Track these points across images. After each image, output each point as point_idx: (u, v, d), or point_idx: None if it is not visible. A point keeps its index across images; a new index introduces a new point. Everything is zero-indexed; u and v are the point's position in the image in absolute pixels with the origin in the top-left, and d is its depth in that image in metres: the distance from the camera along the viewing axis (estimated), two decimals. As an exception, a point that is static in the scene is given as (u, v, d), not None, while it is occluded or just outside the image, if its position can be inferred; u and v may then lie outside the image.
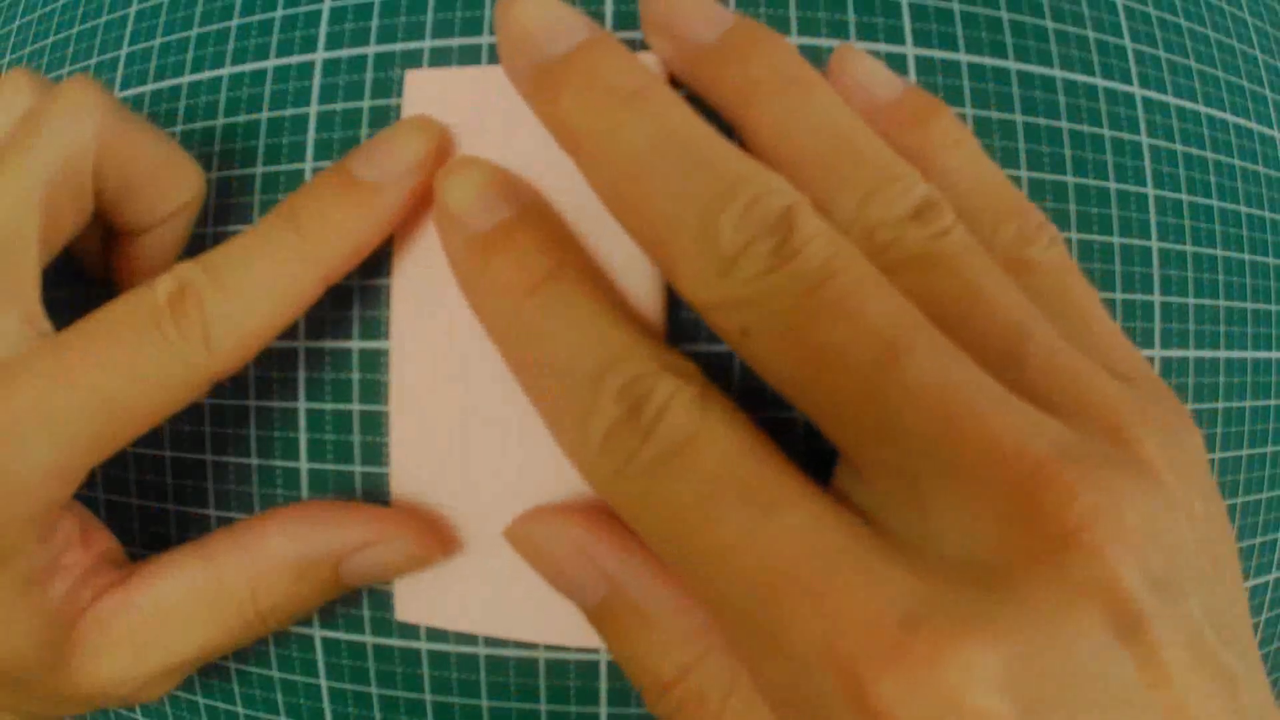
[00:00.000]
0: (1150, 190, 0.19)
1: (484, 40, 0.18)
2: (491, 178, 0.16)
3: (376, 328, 0.17)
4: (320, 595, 0.17)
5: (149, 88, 0.20)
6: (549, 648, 0.17)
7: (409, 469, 0.17)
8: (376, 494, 0.18)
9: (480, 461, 0.17)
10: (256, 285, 0.16)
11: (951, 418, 0.12)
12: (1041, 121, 0.18)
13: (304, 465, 0.18)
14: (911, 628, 0.11)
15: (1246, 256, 0.20)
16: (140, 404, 0.15)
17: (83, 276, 0.19)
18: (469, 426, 0.17)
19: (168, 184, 0.18)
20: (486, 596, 0.17)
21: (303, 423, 0.18)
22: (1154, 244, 0.19)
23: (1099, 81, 0.19)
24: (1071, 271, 0.16)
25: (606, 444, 0.14)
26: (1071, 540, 0.11)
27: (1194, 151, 0.19)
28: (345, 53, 0.18)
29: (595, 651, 0.17)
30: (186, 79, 0.19)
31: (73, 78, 0.17)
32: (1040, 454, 0.12)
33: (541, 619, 0.17)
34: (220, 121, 0.19)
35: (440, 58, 0.18)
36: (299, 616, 0.17)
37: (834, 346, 0.13)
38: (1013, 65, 0.18)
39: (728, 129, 0.16)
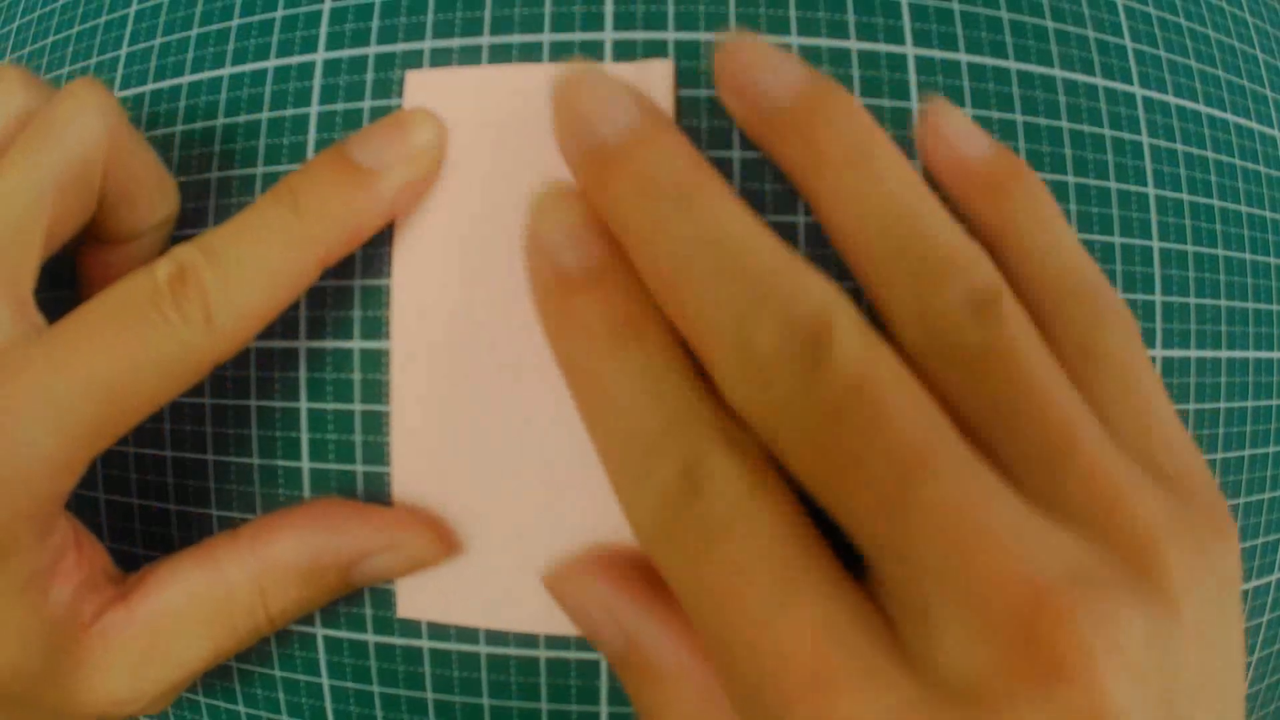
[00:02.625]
0: (1151, 190, 0.19)
1: (484, 41, 0.18)
2: (586, 214, 0.16)
3: (377, 328, 0.17)
4: (328, 597, 0.17)
5: (149, 88, 0.20)
6: (550, 647, 0.17)
7: (410, 468, 0.17)
8: (378, 493, 0.18)
9: (481, 459, 0.17)
10: (255, 266, 0.16)
11: (963, 542, 0.12)
12: (1042, 121, 0.18)
13: (306, 465, 0.18)
14: None
15: (1247, 256, 0.20)
16: (141, 389, 0.15)
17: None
18: (470, 425, 0.17)
19: (158, 195, 0.18)
20: (488, 591, 0.17)
21: (304, 422, 0.18)
22: (1155, 244, 0.19)
23: (1099, 81, 0.19)
24: (1139, 362, 0.16)
25: (659, 510, 0.14)
26: (1065, 667, 0.11)
27: (1194, 151, 0.19)
28: (346, 53, 0.18)
29: (595, 650, 0.17)
30: (186, 79, 0.19)
31: (80, 79, 0.17)
32: (1047, 581, 0.12)
33: (543, 611, 0.17)
34: (220, 121, 0.19)
35: (441, 58, 0.18)
36: (304, 616, 0.17)
37: (857, 460, 0.13)
38: (1013, 65, 0.18)
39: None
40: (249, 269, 0.15)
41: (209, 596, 0.16)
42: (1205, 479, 0.15)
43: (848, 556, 0.14)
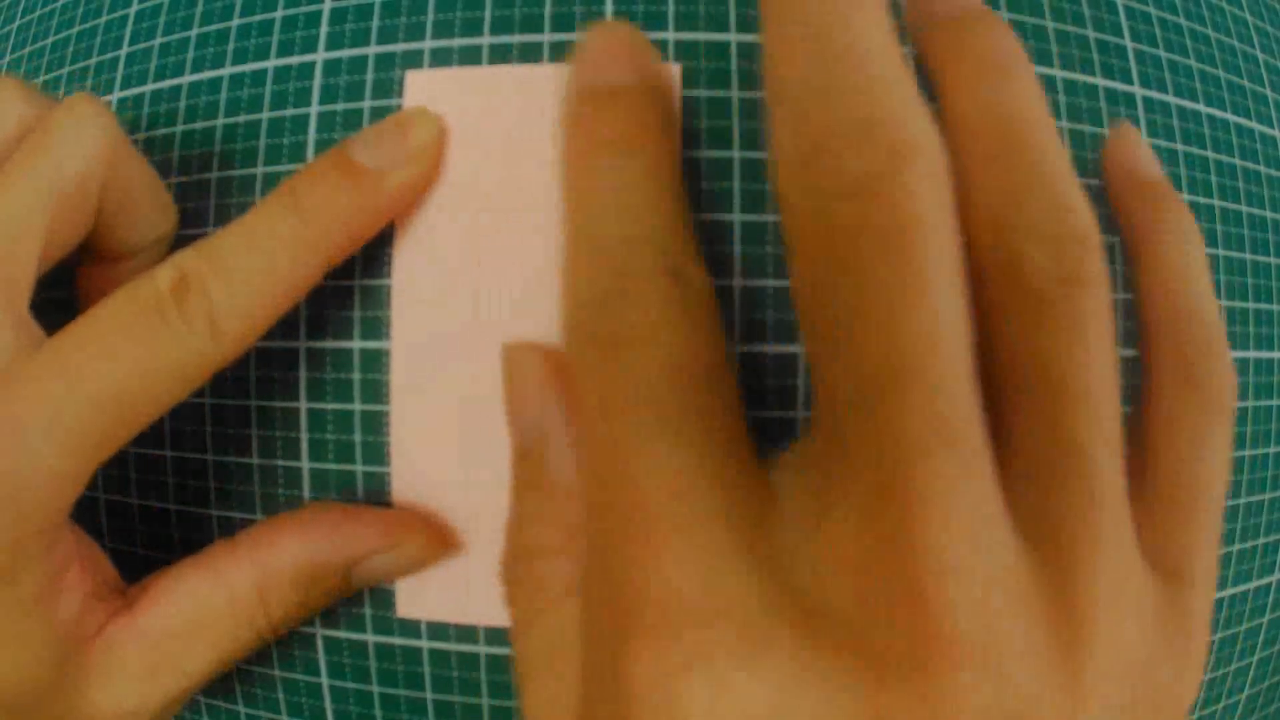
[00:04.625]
0: (1151, 190, 0.19)
1: (484, 41, 0.18)
2: (633, 42, 0.16)
3: (377, 328, 0.17)
4: (329, 600, 0.17)
5: (149, 88, 0.20)
6: (549, 647, 0.17)
7: (410, 468, 0.17)
8: (378, 493, 0.18)
9: (480, 459, 0.17)
10: (259, 270, 0.15)
11: (906, 502, 0.11)
12: (1042, 121, 0.18)
13: (305, 465, 0.18)
14: (699, 620, 0.11)
15: (1248, 256, 0.20)
16: (146, 398, 0.15)
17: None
18: (469, 425, 0.17)
19: (156, 211, 0.18)
20: (488, 590, 0.17)
21: (304, 422, 0.18)
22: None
23: (1099, 81, 0.19)
24: (1218, 419, 0.15)
25: (583, 305, 0.14)
26: (922, 660, 0.10)
27: (1195, 151, 0.19)
28: (346, 53, 0.18)
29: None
30: (186, 79, 0.19)
31: (78, 94, 0.17)
32: (951, 627, 0.10)
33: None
34: (220, 121, 0.19)
35: (441, 58, 0.18)
36: (306, 620, 0.17)
37: (856, 309, 0.12)
38: (1013, 65, 0.18)
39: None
40: (253, 274, 0.15)
41: (212, 605, 0.16)
42: (1205, 596, 0.14)
43: None
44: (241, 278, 0.15)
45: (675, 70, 0.17)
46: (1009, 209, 0.13)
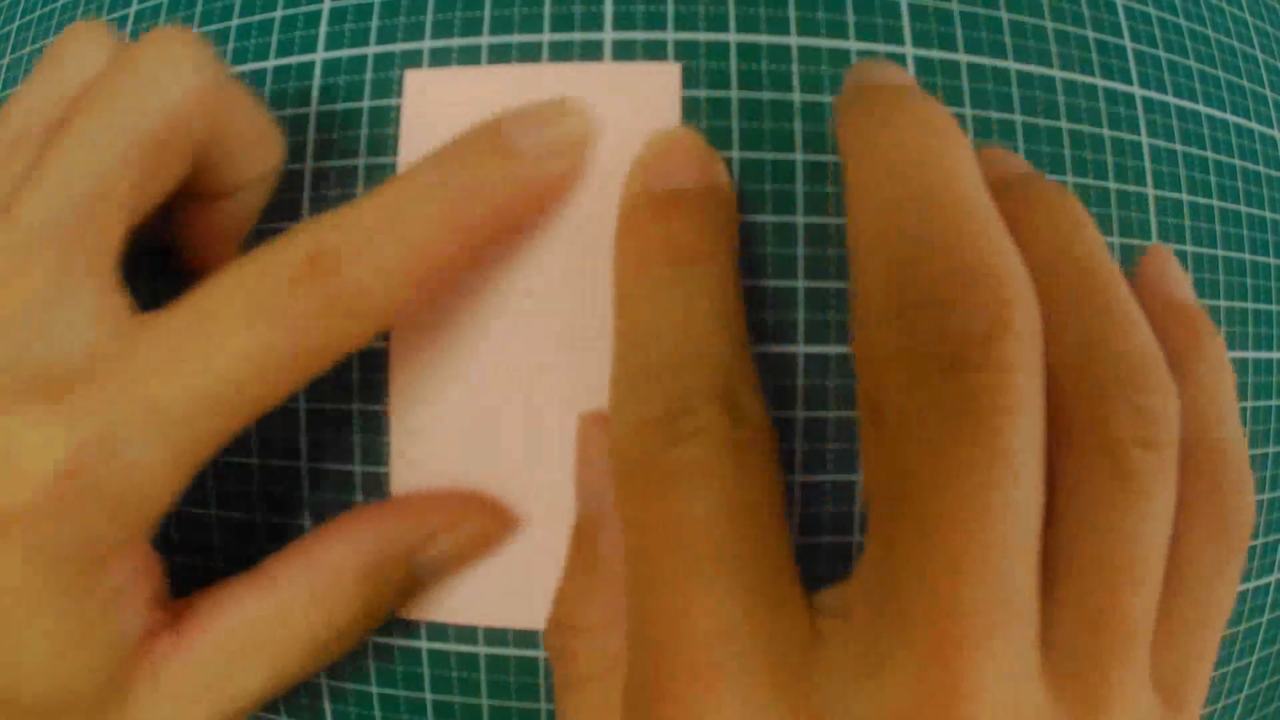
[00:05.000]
0: (1150, 190, 0.19)
1: (483, 41, 0.18)
2: (699, 148, 0.16)
3: (376, 328, 0.17)
4: (394, 599, 0.16)
5: (150, 88, 0.20)
6: (549, 647, 0.17)
7: (410, 468, 0.17)
8: (378, 493, 0.18)
9: (480, 459, 0.17)
10: (401, 251, 0.14)
11: (962, 646, 0.11)
12: (1041, 122, 0.18)
13: (304, 465, 0.18)
14: None
15: (1247, 256, 0.20)
16: (263, 390, 0.14)
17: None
18: (469, 425, 0.17)
19: (257, 146, 0.16)
20: (487, 589, 0.17)
21: (303, 422, 0.18)
22: (1155, 244, 0.19)
23: (1099, 81, 0.19)
24: (1237, 554, 0.15)
25: (632, 436, 0.13)
26: None
27: (1194, 151, 0.19)
28: (345, 53, 0.18)
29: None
30: (187, 79, 0.19)
31: (164, 27, 0.15)
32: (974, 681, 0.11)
33: (542, 610, 0.17)
34: (221, 122, 0.19)
35: (440, 58, 0.18)
36: (370, 628, 0.16)
37: (930, 465, 0.12)
38: (1012, 65, 0.18)
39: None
40: (394, 254, 0.14)
41: (263, 619, 0.15)
42: (1194, 717, 0.14)
43: None
44: (381, 254, 0.14)
45: (675, 70, 0.17)
46: (1097, 350, 0.13)
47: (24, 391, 0.13)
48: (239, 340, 0.13)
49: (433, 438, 0.17)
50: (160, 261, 0.15)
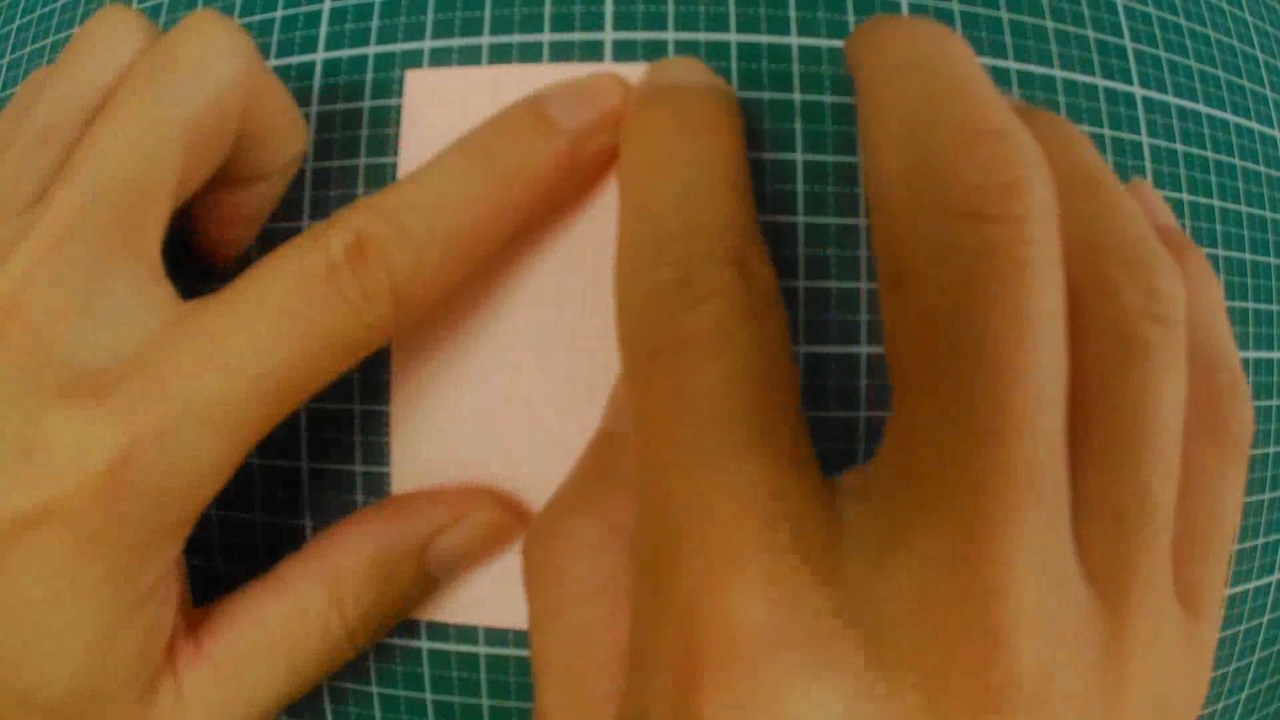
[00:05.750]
0: (1151, 190, 0.19)
1: (484, 40, 0.18)
2: (698, 61, 0.16)
3: (377, 328, 0.17)
4: (407, 596, 0.16)
5: (150, 88, 0.20)
6: (549, 647, 0.17)
7: (410, 468, 0.17)
8: (378, 493, 0.18)
9: (480, 460, 0.17)
10: (446, 232, 0.14)
11: (994, 520, 0.11)
12: (1041, 121, 0.18)
13: (305, 465, 0.18)
14: (771, 649, 0.10)
15: (1248, 256, 0.20)
16: (309, 376, 0.13)
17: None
18: (469, 425, 0.17)
19: (287, 132, 0.16)
20: (487, 589, 0.17)
21: (304, 422, 0.18)
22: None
23: (1099, 81, 0.19)
24: (1238, 463, 0.15)
25: (642, 310, 0.13)
26: (991, 704, 0.10)
27: (1194, 151, 0.19)
28: (345, 53, 0.18)
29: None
30: (187, 79, 0.19)
31: (203, 11, 0.15)
32: (1016, 671, 0.10)
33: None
34: (221, 122, 0.19)
35: (440, 58, 0.18)
36: (386, 627, 0.16)
37: (957, 338, 0.11)
38: (1013, 65, 0.18)
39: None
40: (439, 235, 0.14)
41: (280, 622, 0.15)
42: (1213, 628, 0.14)
43: None
44: (426, 240, 0.14)
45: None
46: (1103, 237, 0.13)
47: (69, 387, 0.13)
48: (284, 329, 0.13)
49: (433, 437, 0.17)
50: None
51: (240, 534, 0.18)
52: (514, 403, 0.17)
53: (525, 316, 0.17)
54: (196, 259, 0.18)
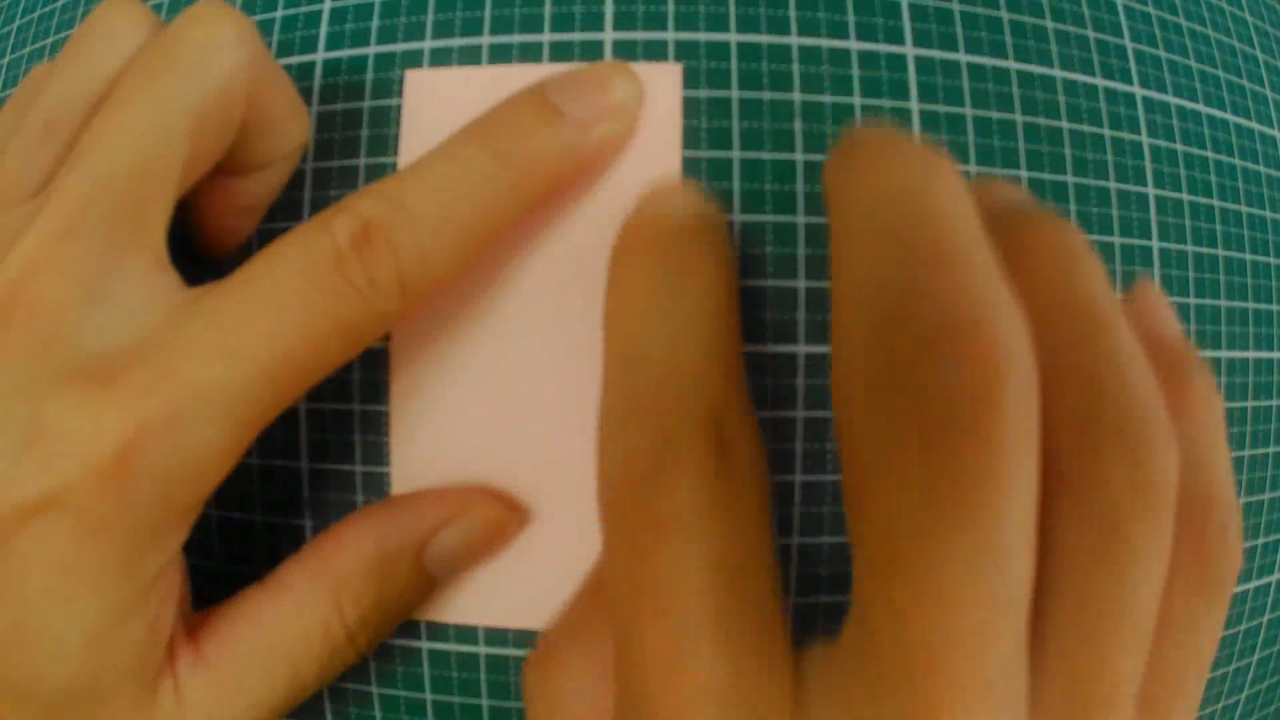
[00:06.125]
0: (1151, 190, 0.19)
1: (484, 40, 0.18)
2: (691, 188, 0.15)
3: (376, 328, 0.17)
4: (407, 594, 0.16)
5: (150, 88, 0.20)
6: (549, 647, 0.17)
7: (410, 468, 0.17)
8: (377, 494, 0.18)
9: (481, 460, 0.17)
10: (451, 217, 0.14)
11: (919, 640, 0.10)
12: (1041, 121, 0.18)
13: (305, 465, 0.18)
14: None
15: (1248, 256, 0.20)
16: (316, 363, 0.13)
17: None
18: (469, 425, 0.17)
19: (289, 121, 0.16)
20: (486, 589, 0.17)
21: (303, 422, 0.18)
22: (1154, 244, 0.19)
23: (1099, 81, 0.19)
24: (1219, 604, 0.14)
25: (619, 475, 0.13)
26: None
27: (1195, 151, 0.19)
28: (345, 53, 0.18)
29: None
30: (187, 79, 0.19)
31: (205, 1, 0.15)
32: None
33: (542, 609, 0.17)
34: (221, 122, 0.19)
35: (440, 58, 0.18)
36: (386, 628, 0.16)
37: (928, 567, 0.11)
38: (1013, 65, 0.18)
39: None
40: (445, 220, 0.14)
41: (280, 625, 0.15)
42: None
43: None
44: (432, 225, 0.14)
45: (676, 70, 0.17)
46: (1096, 401, 0.12)
47: (75, 373, 0.13)
48: (291, 316, 0.13)
49: (433, 438, 0.17)
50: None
51: (240, 534, 0.18)
52: (513, 403, 0.17)
53: (524, 317, 0.17)
54: (198, 248, 0.18)
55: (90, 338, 0.13)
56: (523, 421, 0.17)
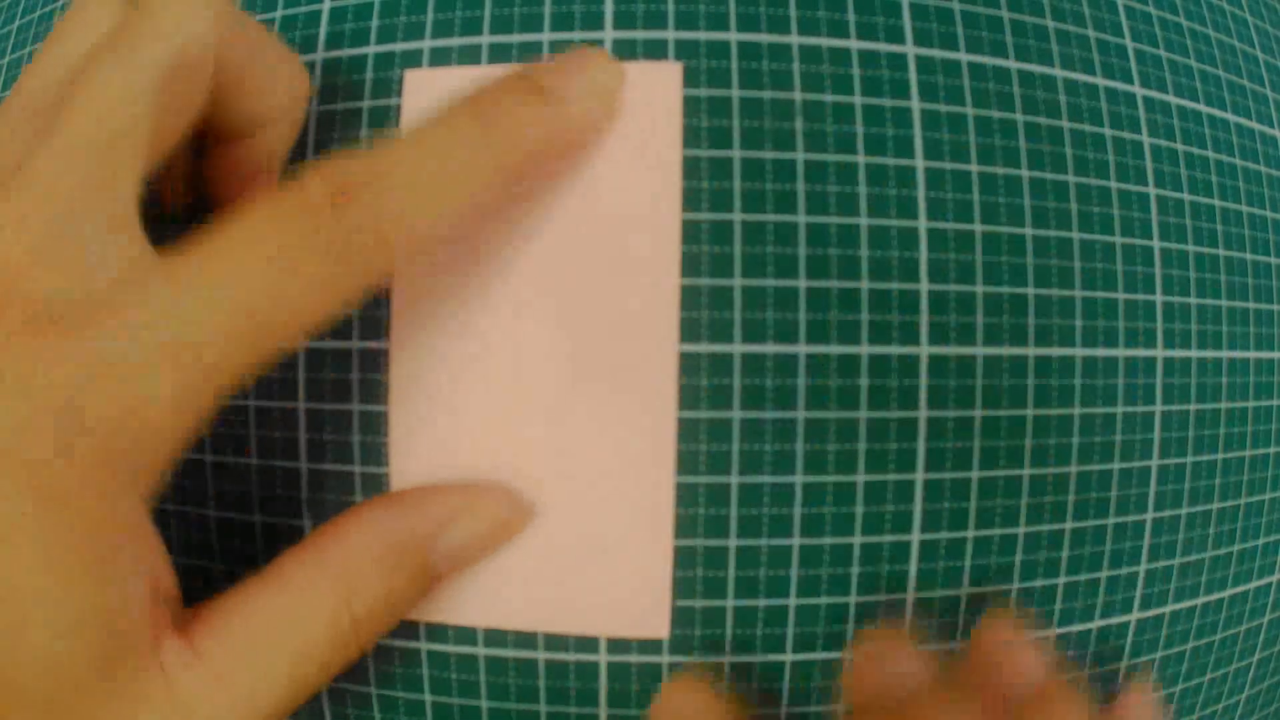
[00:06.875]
0: (1151, 190, 0.19)
1: (483, 40, 0.18)
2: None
3: (376, 328, 0.17)
4: (414, 589, 0.16)
5: (149, 88, 0.19)
6: (549, 648, 0.17)
7: (409, 469, 0.17)
8: (377, 494, 0.17)
9: (480, 460, 0.17)
10: (435, 181, 0.14)
11: None
12: (1042, 121, 0.18)
13: (304, 465, 0.18)
14: None
15: (1248, 256, 0.20)
16: (288, 318, 0.13)
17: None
18: (469, 425, 0.17)
19: (281, 76, 0.16)
20: (486, 591, 0.17)
21: (302, 423, 0.18)
22: (1155, 244, 0.19)
23: (1100, 81, 0.19)
24: None
25: None
26: None
27: (1195, 151, 0.19)
28: (345, 53, 0.18)
29: (594, 652, 0.17)
30: (186, 79, 0.19)
31: None
32: None
33: (540, 610, 0.17)
34: (220, 121, 0.19)
35: (440, 58, 0.18)
36: (392, 622, 0.16)
37: None
38: (1013, 65, 0.18)
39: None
40: (428, 184, 0.14)
41: (281, 618, 0.14)
42: None
43: None
44: (414, 189, 0.14)
45: (676, 69, 0.17)
46: None
47: (31, 323, 0.13)
48: (257, 271, 0.13)
49: (432, 438, 0.17)
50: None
51: (239, 535, 0.18)
52: (512, 404, 0.17)
53: (524, 317, 0.17)
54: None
55: (48, 293, 0.13)
56: (522, 423, 0.17)
